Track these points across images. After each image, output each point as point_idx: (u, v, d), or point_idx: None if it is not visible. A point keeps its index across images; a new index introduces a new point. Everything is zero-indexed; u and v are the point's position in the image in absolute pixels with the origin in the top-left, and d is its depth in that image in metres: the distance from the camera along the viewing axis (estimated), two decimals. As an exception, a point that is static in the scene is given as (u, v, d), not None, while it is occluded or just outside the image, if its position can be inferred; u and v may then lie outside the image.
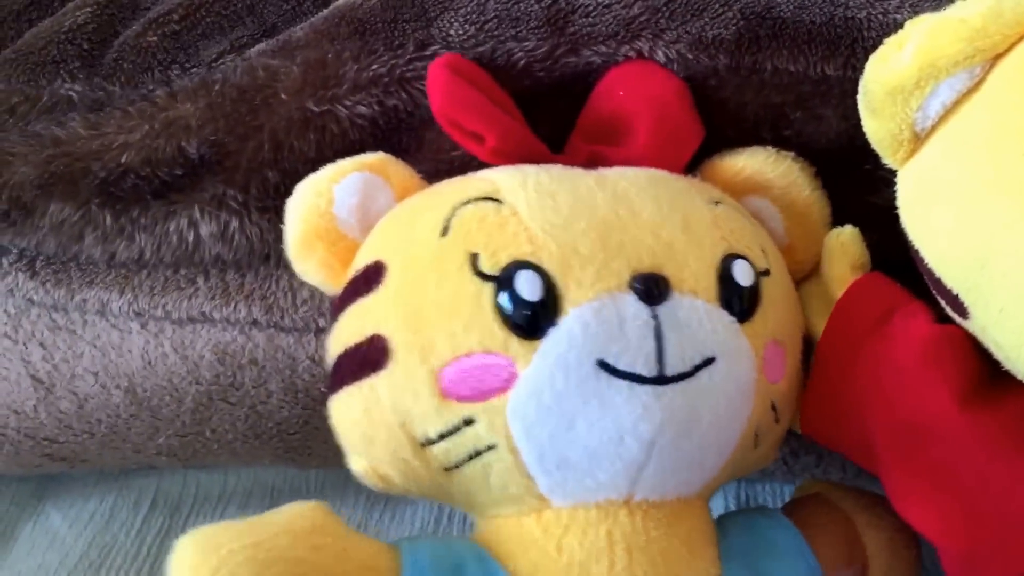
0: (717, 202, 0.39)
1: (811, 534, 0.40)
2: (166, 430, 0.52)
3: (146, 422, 0.51)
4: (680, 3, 0.43)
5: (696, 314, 0.35)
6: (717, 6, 0.43)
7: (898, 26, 0.42)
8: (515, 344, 0.34)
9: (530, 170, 0.38)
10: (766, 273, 0.38)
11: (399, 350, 0.35)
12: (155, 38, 0.49)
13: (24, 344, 0.51)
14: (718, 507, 0.44)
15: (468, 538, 0.38)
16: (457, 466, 0.35)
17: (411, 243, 0.37)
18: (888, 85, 0.36)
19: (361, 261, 0.38)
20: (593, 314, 0.34)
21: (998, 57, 0.34)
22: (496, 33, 0.44)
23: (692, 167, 0.43)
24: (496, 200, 0.36)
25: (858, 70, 0.42)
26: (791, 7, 0.43)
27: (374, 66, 0.44)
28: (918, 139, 0.37)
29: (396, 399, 0.35)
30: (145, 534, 0.58)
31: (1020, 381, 0.35)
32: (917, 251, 0.38)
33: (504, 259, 0.35)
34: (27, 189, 0.46)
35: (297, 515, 0.34)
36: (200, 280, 0.49)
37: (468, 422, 0.34)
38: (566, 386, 0.34)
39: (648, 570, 0.35)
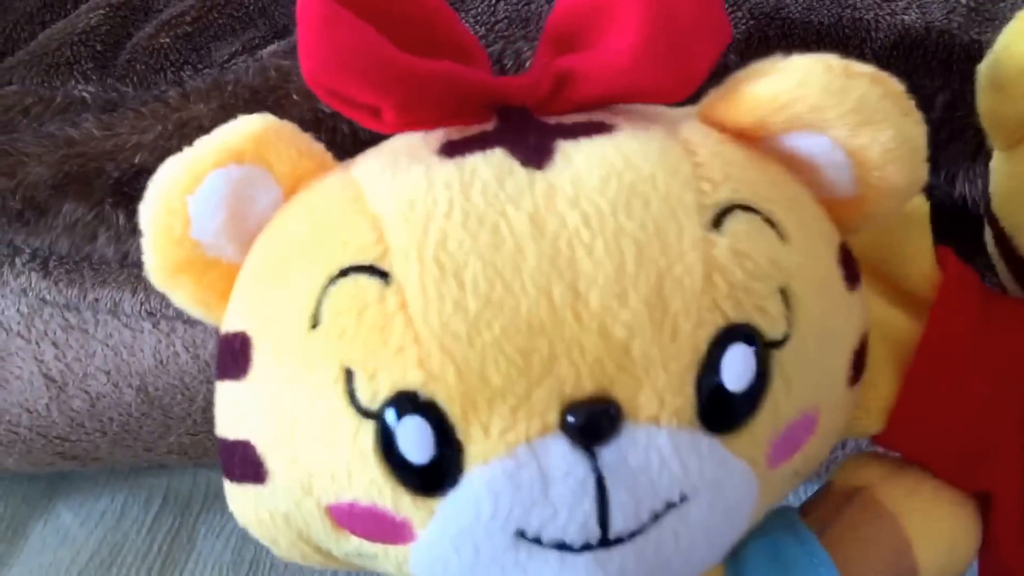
0: (722, 213, 0.27)
1: (845, 553, 0.32)
2: (177, 429, 0.52)
3: (158, 421, 0.52)
4: (690, 4, 0.44)
5: (658, 453, 0.25)
6: (728, 6, 0.44)
7: (906, 27, 0.43)
8: (407, 503, 0.26)
9: (437, 210, 0.26)
10: (782, 343, 0.27)
11: (277, 474, 0.28)
12: (167, 40, 0.49)
13: (37, 343, 0.51)
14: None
15: None
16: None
17: (278, 323, 0.27)
18: None
19: (228, 320, 0.29)
20: (506, 477, 0.25)
21: None
22: (506, 34, 0.45)
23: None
24: (381, 274, 0.26)
25: (867, 71, 0.43)
26: (800, 8, 0.44)
27: (385, 66, 0.45)
28: None
29: (287, 517, 0.29)
30: (156, 532, 0.58)
31: None
32: (1010, 239, 0.34)
33: (385, 388, 0.25)
34: (41, 189, 0.47)
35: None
36: (212, 279, 0.49)
37: (370, 555, 0.29)
38: (476, 559, 0.27)
39: None
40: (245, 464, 0.28)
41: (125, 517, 0.59)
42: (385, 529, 0.27)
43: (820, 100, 0.28)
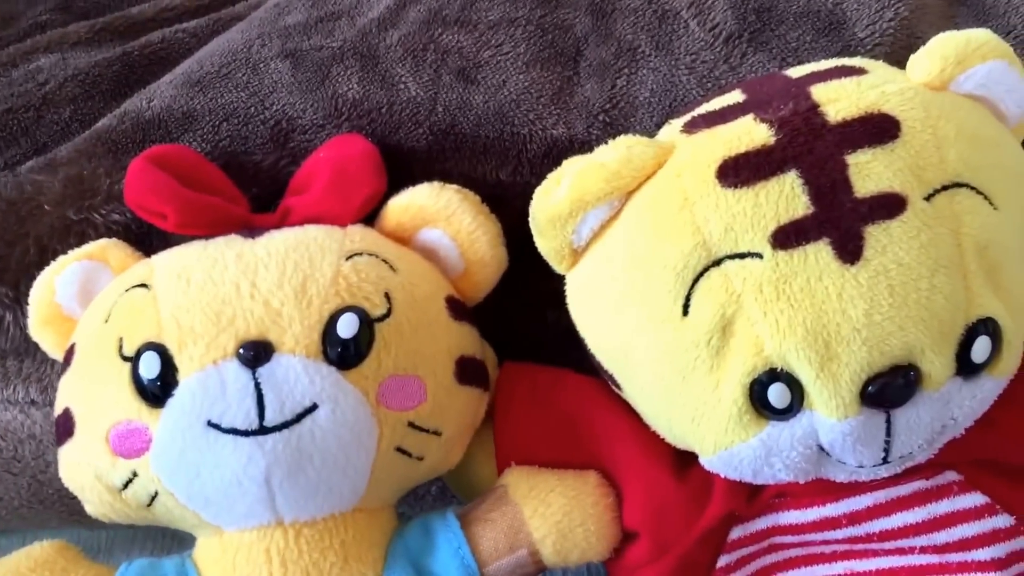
0: (353, 255, 0.45)
1: (475, 530, 0.46)
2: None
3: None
4: (380, 122, 0.52)
5: (294, 370, 0.42)
6: (410, 125, 0.52)
7: (554, 139, 0.52)
8: (146, 412, 0.42)
9: (188, 251, 0.46)
10: (383, 317, 0.44)
11: (79, 420, 0.44)
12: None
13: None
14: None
15: (188, 555, 0.46)
16: (148, 505, 0.44)
17: (88, 328, 0.46)
18: (548, 214, 0.43)
19: (71, 340, 0.47)
20: (199, 383, 0.41)
21: (631, 193, 0.42)
22: (230, 150, 0.53)
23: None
24: (146, 286, 0.44)
25: (525, 176, 0.52)
26: (470, 124, 0.52)
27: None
28: (577, 253, 0.44)
29: (86, 459, 0.44)
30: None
31: None
32: (583, 339, 0.46)
33: (137, 342, 0.43)
34: None
35: (38, 547, 0.45)
36: (-17, 366, 0.56)
37: (135, 474, 0.43)
38: (184, 444, 0.42)
39: None
40: (65, 427, 0.45)
41: None
42: (135, 441, 0.42)
43: (426, 204, 0.48)
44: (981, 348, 0.38)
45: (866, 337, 0.37)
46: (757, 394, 0.38)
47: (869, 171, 0.38)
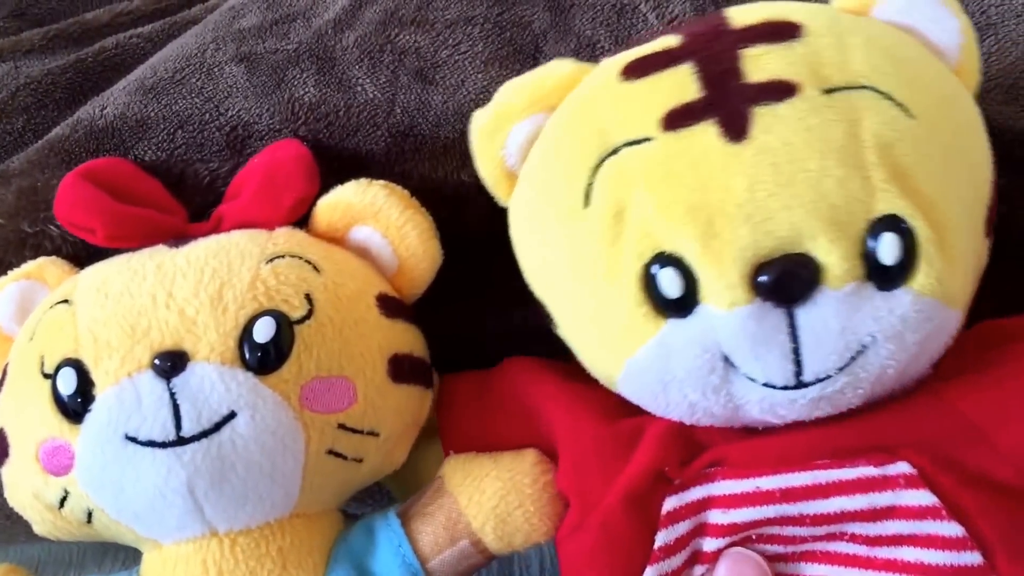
0: (274, 258, 0.44)
1: (415, 526, 0.46)
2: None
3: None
4: (338, 125, 0.52)
5: (209, 378, 0.41)
6: (368, 127, 0.52)
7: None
8: (67, 429, 0.42)
9: (111, 264, 0.45)
10: (304, 319, 0.43)
11: (12, 440, 0.44)
12: None
13: None
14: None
15: (135, 570, 0.46)
16: (88, 522, 0.43)
17: (17, 347, 0.46)
18: (478, 131, 0.45)
19: (5, 360, 0.47)
20: (115, 397, 0.41)
21: (553, 109, 0.44)
22: (185, 157, 0.52)
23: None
24: (68, 301, 0.44)
25: (487, 177, 0.52)
26: (429, 125, 0.52)
27: (79, 190, 0.51)
28: (511, 177, 0.45)
29: (22, 479, 0.44)
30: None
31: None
32: (523, 274, 0.45)
33: (57, 358, 0.42)
34: None
35: None
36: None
37: (67, 492, 0.42)
38: (104, 459, 0.41)
39: None
40: (2, 448, 0.44)
41: None
42: (61, 459, 0.42)
43: (353, 201, 0.48)
44: (888, 246, 0.36)
45: (749, 213, 0.36)
46: (649, 285, 0.38)
47: (761, 63, 0.38)
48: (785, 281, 0.36)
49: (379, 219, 0.48)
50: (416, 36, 0.53)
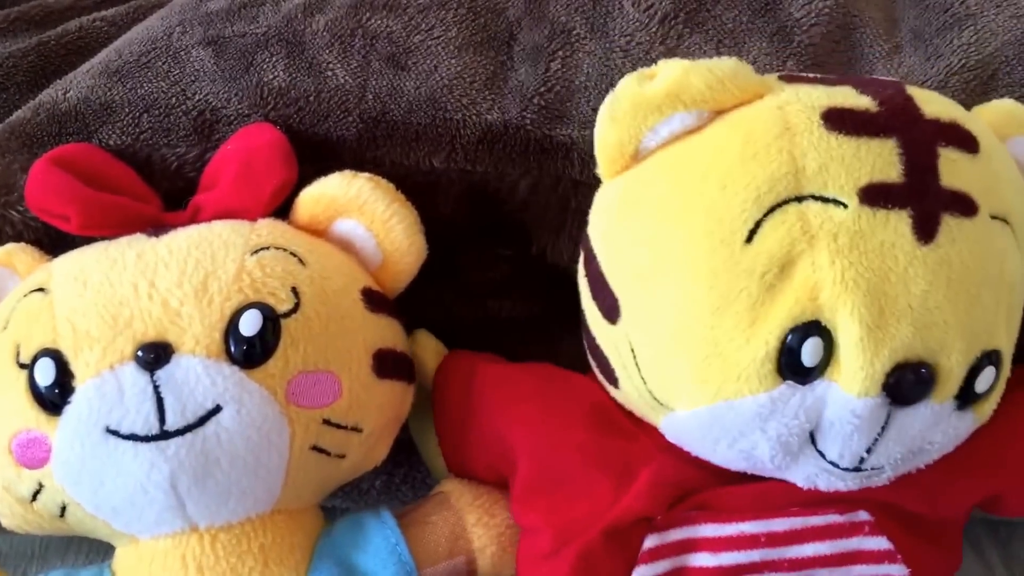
0: (259, 250, 0.43)
1: (414, 532, 0.46)
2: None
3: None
4: (308, 111, 0.51)
5: (194, 372, 0.40)
6: (339, 113, 0.51)
7: (488, 124, 0.51)
8: (44, 421, 0.41)
9: (88, 252, 0.44)
10: (290, 313, 0.42)
11: None
12: None
13: None
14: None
15: (107, 564, 0.45)
16: (61, 516, 0.42)
17: None
18: (636, 100, 0.41)
19: None
20: (96, 389, 0.40)
21: (720, 113, 0.41)
22: (151, 142, 0.51)
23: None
24: (43, 290, 0.43)
25: (459, 163, 0.51)
26: (401, 111, 0.51)
27: (42, 175, 0.50)
28: (633, 158, 0.42)
29: None
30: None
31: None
32: (591, 253, 0.44)
33: (33, 348, 0.41)
34: None
35: None
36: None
37: (41, 485, 0.41)
38: (84, 453, 0.40)
39: None
40: None
41: None
42: (37, 451, 0.41)
43: (337, 194, 0.47)
44: (985, 379, 0.39)
45: (916, 318, 0.37)
46: (788, 347, 0.38)
47: (955, 168, 0.39)
48: (913, 387, 0.38)
49: (364, 212, 0.47)
50: (388, 20, 0.52)
